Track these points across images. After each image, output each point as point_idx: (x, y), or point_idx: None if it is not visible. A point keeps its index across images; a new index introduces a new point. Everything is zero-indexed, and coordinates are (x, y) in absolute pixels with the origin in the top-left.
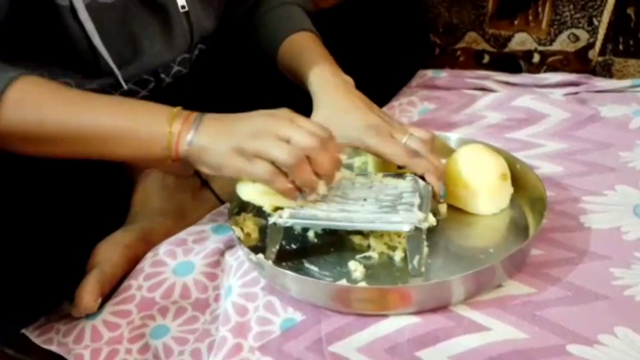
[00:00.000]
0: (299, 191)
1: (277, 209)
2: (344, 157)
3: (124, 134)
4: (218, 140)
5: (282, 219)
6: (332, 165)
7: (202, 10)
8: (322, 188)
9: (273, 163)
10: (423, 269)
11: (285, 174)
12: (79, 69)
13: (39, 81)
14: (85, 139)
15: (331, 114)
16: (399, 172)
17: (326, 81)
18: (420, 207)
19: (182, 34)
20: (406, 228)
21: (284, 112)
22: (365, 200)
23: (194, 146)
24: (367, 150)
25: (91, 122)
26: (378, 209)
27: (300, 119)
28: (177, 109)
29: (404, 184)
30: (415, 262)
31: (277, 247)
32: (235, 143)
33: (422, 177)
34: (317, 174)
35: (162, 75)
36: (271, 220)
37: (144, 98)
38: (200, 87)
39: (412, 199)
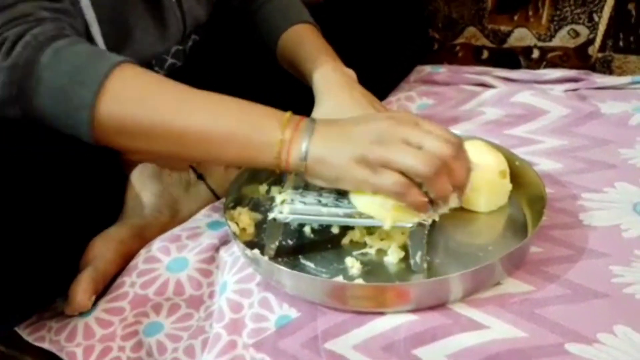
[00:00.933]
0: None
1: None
2: None
3: (233, 139)
4: (338, 149)
5: (282, 214)
6: (467, 174)
7: None
8: (454, 200)
9: (402, 173)
10: (425, 265)
11: (417, 185)
12: None
13: (143, 71)
14: (190, 140)
15: (332, 110)
16: None
17: (328, 76)
18: None
19: (175, 23)
20: (409, 224)
21: (408, 116)
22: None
23: (309, 157)
24: None
25: (199, 122)
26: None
27: (427, 123)
28: (289, 114)
29: None
30: (417, 258)
31: (277, 243)
32: (358, 152)
33: None
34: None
35: (156, 68)
36: (271, 215)
37: None
38: (194, 80)
39: None
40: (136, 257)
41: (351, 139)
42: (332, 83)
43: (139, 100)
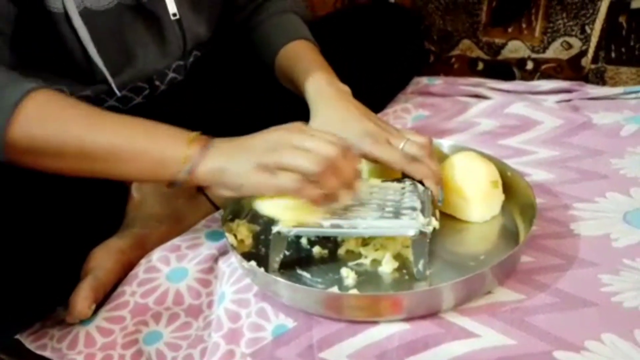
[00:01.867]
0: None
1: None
2: None
3: (142, 157)
4: (236, 159)
5: (286, 228)
6: (354, 173)
7: (194, 17)
8: (345, 198)
9: (298, 173)
10: (428, 272)
11: (312, 183)
12: (73, 76)
13: (56, 95)
14: (100, 158)
15: (328, 123)
16: (396, 177)
17: (322, 90)
18: (422, 211)
19: (175, 41)
20: (411, 232)
21: (296, 125)
22: (367, 205)
23: (214, 170)
24: (364, 157)
25: (109, 141)
26: (381, 214)
27: (314, 130)
28: (195, 133)
29: (404, 189)
30: (420, 266)
31: (281, 256)
32: (255, 159)
33: (421, 182)
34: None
35: (157, 83)
36: (275, 229)
37: (139, 105)
38: (195, 93)
39: (413, 203)
40: (137, 266)
41: (249, 150)
42: (327, 96)
43: (51, 121)
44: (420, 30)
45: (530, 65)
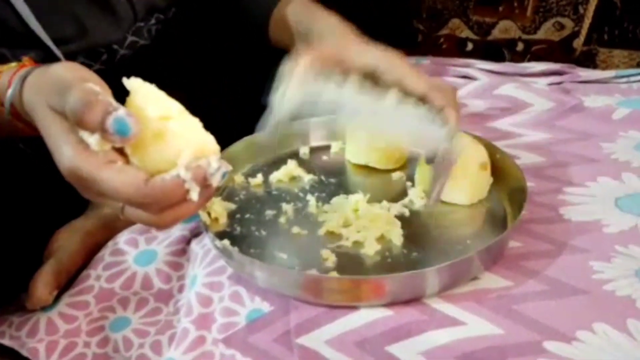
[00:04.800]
0: None
1: None
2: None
3: None
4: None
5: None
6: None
7: None
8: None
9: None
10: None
11: None
12: (14, 44)
13: None
14: None
15: (346, 42)
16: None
17: (334, 25)
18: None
19: (124, 11)
20: (446, 144)
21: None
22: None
23: (18, 103)
24: (384, 77)
25: None
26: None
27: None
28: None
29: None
30: (435, 192)
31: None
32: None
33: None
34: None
35: (115, 46)
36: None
37: (99, 72)
38: (163, 59)
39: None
40: (103, 249)
41: (46, 86)
42: (342, 30)
43: None
44: (409, 8)
45: (520, 47)
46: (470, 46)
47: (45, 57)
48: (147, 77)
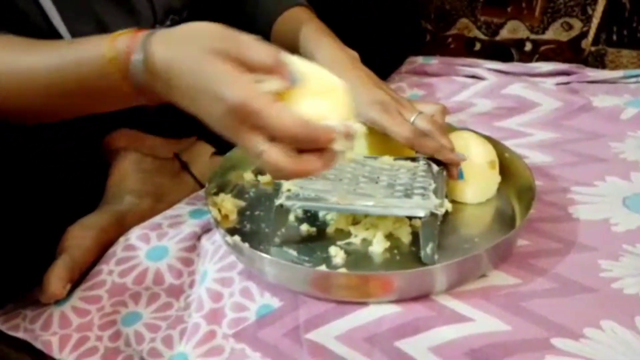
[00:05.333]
0: None
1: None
2: None
3: (60, 70)
4: (184, 47)
5: (290, 201)
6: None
7: None
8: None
9: None
10: (436, 257)
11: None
12: None
13: None
14: (24, 87)
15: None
16: (408, 155)
17: (332, 55)
18: (435, 192)
19: (144, 10)
20: (421, 213)
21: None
22: (377, 183)
23: (153, 64)
24: (373, 126)
25: (25, 62)
26: (391, 193)
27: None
28: (123, 30)
29: (417, 168)
30: (428, 249)
31: (283, 230)
32: (208, 45)
33: (434, 160)
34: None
35: None
36: (277, 201)
37: None
38: None
39: (425, 184)
40: (115, 244)
41: (197, 36)
42: (337, 62)
43: None
44: (417, 8)
45: (528, 47)
46: (478, 46)
47: None
48: None
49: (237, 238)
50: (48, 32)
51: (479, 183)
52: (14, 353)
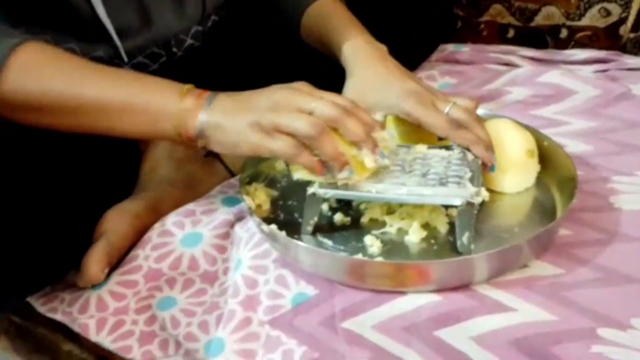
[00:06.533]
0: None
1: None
2: None
3: (131, 108)
4: (234, 116)
5: (323, 189)
6: (363, 128)
7: None
8: (368, 159)
9: (295, 137)
10: (472, 246)
11: (309, 148)
12: (82, 36)
13: (44, 47)
14: (87, 111)
15: (366, 81)
16: (442, 144)
17: (360, 48)
18: (471, 181)
19: (194, 3)
20: (458, 202)
21: (302, 85)
22: (410, 172)
23: (208, 124)
24: (406, 118)
25: (94, 93)
26: (425, 181)
27: (320, 91)
28: (189, 86)
29: (451, 156)
30: (464, 238)
31: (315, 219)
32: (252, 117)
33: (469, 150)
34: (354, 144)
35: (174, 49)
36: (310, 190)
37: (155, 72)
38: (213, 60)
39: (461, 172)
40: (150, 230)
41: (248, 108)
42: (365, 55)
43: (39, 75)
44: None
45: (564, 33)
46: (511, 33)
47: (112, 54)
48: (197, 78)
49: (273, 226)
50: (94, 27)
51: (517, 172)
52: (50, 334)
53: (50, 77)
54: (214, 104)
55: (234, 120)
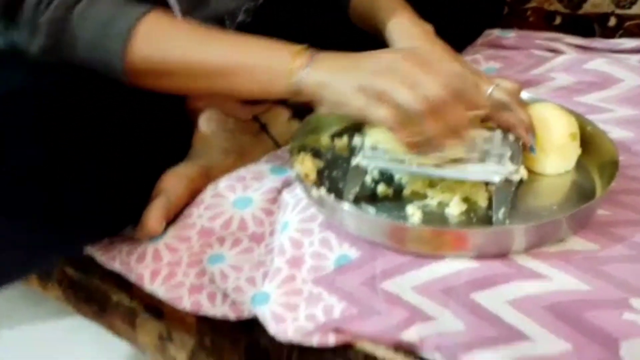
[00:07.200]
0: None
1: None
2: None
3: (248, 70)
4: (340, 76)
5: (366, 160)
6: (462, 121)
7: None
8: (452, 150)
9: (398, 108)
10: (508, 221)
11: (412, 124)
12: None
13: (168, 17)
14: (208, 75)
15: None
16: (485, 126)
17: (405, 26)
18: (511, 159)
19: None
20: (496, 178)
21: (421, 55)
22: (450, 150)
23: (311, 81)
24: None
25: (215, 57)
26: (468, 159)
27: (437, 65)
28: (301, 47)
29: (493, 137)
30: (500, 214)
31: (357, 188)
32: (359, 80)
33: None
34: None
35: (227, 24)
36: (354, 161)
37: None
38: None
39: (502, 151)
40: (204, 191)
41: (356, 68)
42: (411, 35)
43: (164, 41)
44: None
45: (612, 22)
46: (558, 20)
47: None
48: None
49: (322, 190)
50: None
51: (558, 155)
52: (102, 285)
53: (175, 43)
54: (323, 61)
55: (341, 79)
